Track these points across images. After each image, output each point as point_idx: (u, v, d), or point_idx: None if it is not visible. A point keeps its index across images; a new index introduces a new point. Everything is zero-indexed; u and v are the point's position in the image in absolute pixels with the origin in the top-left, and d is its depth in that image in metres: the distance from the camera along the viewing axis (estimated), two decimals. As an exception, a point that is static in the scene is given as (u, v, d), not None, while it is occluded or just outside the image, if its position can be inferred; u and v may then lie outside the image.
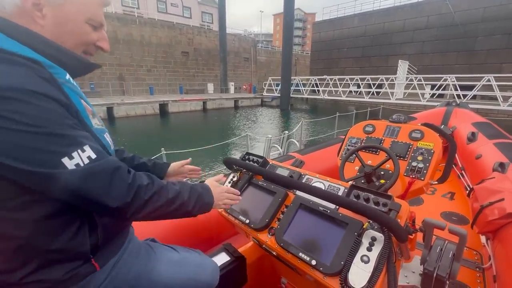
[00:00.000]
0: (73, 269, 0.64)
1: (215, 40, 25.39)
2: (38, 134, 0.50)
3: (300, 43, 68.64)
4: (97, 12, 0.66)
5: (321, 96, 18.97)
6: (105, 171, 0.58)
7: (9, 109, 0.48)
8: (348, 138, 1.95)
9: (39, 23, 0.59)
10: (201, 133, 11.80)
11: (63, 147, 0.53)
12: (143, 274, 0.81)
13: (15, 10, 0.57)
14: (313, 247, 0.89)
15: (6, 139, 0.48)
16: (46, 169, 0.51)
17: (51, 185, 0.53)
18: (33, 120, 0.49)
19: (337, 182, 1.06)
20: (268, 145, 4.55)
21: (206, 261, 0.98)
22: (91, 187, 0.56)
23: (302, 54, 43.23)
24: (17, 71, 0.51)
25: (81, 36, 0.65)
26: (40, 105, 0.51)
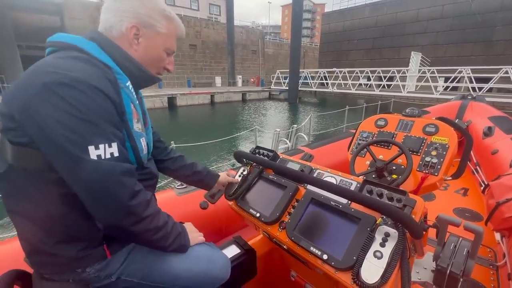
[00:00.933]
0: (85, 249, 0.70)
1: (223, 32, 25.18)
2: (81, 119, 0.58)
3: (309, 35, 67.34)
4: (173, 43, 0.84)
5: (330, 89, 18.68)
6: (121, 171, 0.63)
7: (70, 95, 0.57)
8: (359, 132, 1.92)
9: (133, 48, 0.76)
10: (209, 127, 11.86)
11: (94, 136, 0.59)
12: (156, 264, 0.83)
13: (119, 35, 0.75)
14: (324, 242, 0.89)
15: (60, 117, 0.56)
16: (71, 148, 0.57)
17: (70, 167, 0.59)
18: (82, 107, 0.58)
19: (349, 177, 1.05)
20: (276, 139, 4.53)
21: (218, 255, 0.98)
22: (105, 180, 0.60)
23: (311, 46, 42.44)
24: (90, 69, 0.63)
25: (158, 60, 0.82)
26: (93, 97, 0.60)
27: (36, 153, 0.60)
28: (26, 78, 0.59)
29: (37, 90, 0.56)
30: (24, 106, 0.57)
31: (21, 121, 0.58)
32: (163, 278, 0.84)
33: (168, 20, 0.80)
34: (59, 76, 0.58)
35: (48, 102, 0.56)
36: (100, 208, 0.63)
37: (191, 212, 1.75)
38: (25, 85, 0.58)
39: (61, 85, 0.57)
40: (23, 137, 0.60)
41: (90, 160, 0.58)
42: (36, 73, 0.59)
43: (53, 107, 0.56)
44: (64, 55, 0.65)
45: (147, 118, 0.93)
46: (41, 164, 0.62)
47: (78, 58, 0.65)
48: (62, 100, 0.57)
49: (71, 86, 0.58)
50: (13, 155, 0.62)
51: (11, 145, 0.61)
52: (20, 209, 0.67)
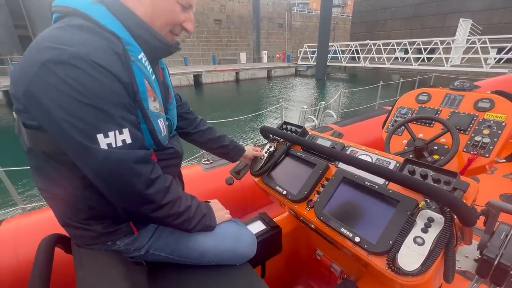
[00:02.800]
0: (111, 225, 0.71)
1: (248, 5, 24.14)
2: (85, 104, 0.52)
3: (341, 4, 62.23)
4: None
5: (361, 64, 17.42)
6: (134, 159, 0.59)
7: (71, 75, 0.51)
8: (397, 108, 1.75)
9: (139, 2, 0.64)
10: (234, 104, 11.84)
11: (102, 123, 0.54)
12: (183, 241, 0.84)
13: None
14: (357, 223, 0.83)
15: (58, 100, 0.51)
16: (79, 137, 0.53)
17: (82, 158, 0.56)
18: (86, 90, 0.52)
19: (386, 156, 0.96)
20: (303, 117, 4.38)
21: (244, 233, 0.96)
22: (116, 174, 0.57)
23: (342, 16, 39.29)
24: (94, 40, 0.55)
25: (171, 15, 0.68)
26: (98, 77, 0.53)
27: (48, 136, 0.58)
28: (27, 55, 0.55)
29: (36, 71, 0.51)
30: (26, 89, 0.53)
31: (26, 105, 0.55)
32: (190, 254, 0.85)
33: None
34: (58, 53, 0.51)
35: (48, 84, 0.51)
36: (116, 197, 0.62)
37: (217, 188, 1.77)
38: (25, 64, 0.53)
39: (60, 63, 0.51)
40: (33, 120, 0.57)
41: (100, 149, 0.54)
42: (35, 49, 0.53)
43: (54, 91, 0.51)
44: (66, 24, 0.57)
45: (171, 93, 0.86)
46: (56, 147, 0.59)
47: (82, 28, 0.57)
48: (63, 82, 0.51)
49: (71, 65, 0.51)
50: (28, 138, 0.61)
51: (25, 128, 0.59)
52: (46, 187, 0.67)
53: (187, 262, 0.87)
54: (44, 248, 0.71)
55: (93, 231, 0.70)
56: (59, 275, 0.81)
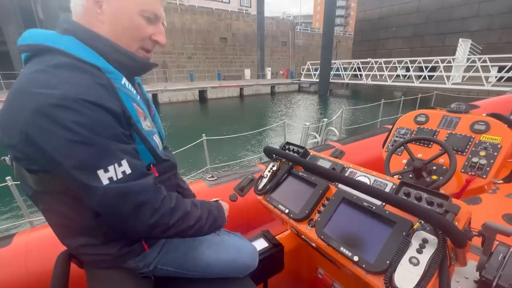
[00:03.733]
0: (126, 246, 0.73)
1: (253, 24, 25.03)
2: (83, 144, 0.52)
3: (343, 24, 64.12)
4: (152, 3, 0.65)
5: (363, 81, 17.71)
6: (134, 195, 0.59)
7: (65, 118, 0.51)
8: (396, 128, 1.81)
9: (99, 19, 0.62)
10: (238, 120, 12.02)
11: (101, 159, 0.54)
12: (189, 253, 0.87)
13: (81, 10, 0.62)
14: (355, 243, 0.86)
15: (57, 144, 0.52)
16: (83, 178, 0.54)
17: (86, 195, 0.57)
18: (81, 130, 0.52)
19: (384, 177, 1.00)
20: (305, 133, 4.45)
21: (246, 244, 1.01)
22: (119, 207, 0.58)
23: (344, 35, 40.39)
24: (77, 78, 0.55)
25: (136, 30, 0.65)
26: (90, 115, 0.53)
27: (54, 176, 0.59)
28: (14, 102, 0.53)
29: (28, 118, 0.51)
30: (23, 138, 0.53)
31: (26, 152, 0.55)
32: (196, 267, 0.88)
33: None
34: (46, 97, 0.50)
35: (44, 130, 0.51)
36: (125, 228, 0.63)
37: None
38: (14, 112, 0.53)
39: (52, 107, 0.50)
40: (35, 165, 0.57)
41: (102, 187, 0.54)
42: (23, 95, 0.52)
43: (51, 136, 0.51)
44: (43, 66, 0.55)
45: (151, 106, 0.84)
46: (63, 185, 0.60)
47: (59, 66, 0.55)
48: (58, 126, 0.51)
49: (63, 107, 0.51)
50: (35, 182, 0.61)
51: (28, 173, 0.59)
52: (57, 222, 0.69)
53: (194, 275, 0.90)
54: (61, 262, 0.76)
55: (107, 255, 0.71)
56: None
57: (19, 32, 15.20)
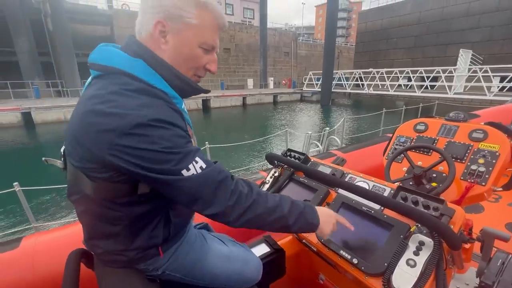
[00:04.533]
0: (144, 251, 0.77)
1: (256, 35, 25.54)
2: (166, 152, 0.60)
3: (344, 35, 65.07)
4: (211, 37, 0.71)
5: (365, 91, 17.85)
6: (213, 178, 0.66)
7: (150, 134, 0.58)
8: (396, 136, 1.84)
9: (162, 48, 0.68)
10: (241, 128, 12.12)
11: (183, 162, 0.62)
12: (197, 262, 0.89)
13: (147, 35, 0.68)
14: (355, 246, 0.89)
15: (146, 155, 0.59)
16: (168, 178, 0.61)
17: (173, 189, 0.64)
18: (164, 142, 0.60)
19: (382, 183, 1.03)
20: (307, 142, 4.49)
21: (251, 257, 1.03)
22: (202, 192, 0.64)
23: (346, 46, 41.00)
24: (153, 102, 0.62)
25: (194, 60, 0.71)
26: (170, 131, 0.61)
27: (114, 185, 0.64)
28: (93, 120, 0.59)
29: (114, 138, 0.57)
30: (107, 153, 0.58)
31: (107, 166, 0.61)
32: (202, 276, 0.90)
33: (200, 8, 0.66)
34: (132, 118, 0.57)
35: (133, 147, 0.58)
36: (209, 213, 0.67)
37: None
38: (97, 130, 0.58)
39: (137, 126, 0.57)
40: (105, 173, 0.62)
41: (186, 177, 0.62)
42: (103, 116, 0.58)
43: (139, 151, 0.58)
44: (120, 89, 0.61)
45: None
46: (118, 193, 0.66)
47: (137, 91, 0.62)
48: (146, 143, 0.58)
49: (150, 126, 0.58)
50: (92, 188, 0.65)
51: (89, 180, 0.64)
52: (89, 225, 0.75)
53: (199, 284, 0.92)
54: (73, 260, 0.79)
55: (126, 256, 0.75)
56: None
57: (29, 43, 15.75)
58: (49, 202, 4.67)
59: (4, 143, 9.66)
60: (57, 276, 0.77)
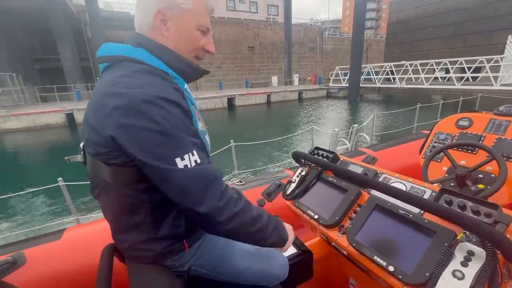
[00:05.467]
0: (170, 245, 0.77)
1: (280, 32, 25.28)
2: (164, 134, 0.60)
3: (373, 27, 61.91)
4: (205, 19, 0.76)
5: (397, 85, 16.81)
6: (206, 175, 0.65)
7: (149, 111, 0.59)
8: (435, 133, 1.70)
9: (164, 35, 0.72)
10: (265, 126, 12.09)
11: (178, 149, 0.62)
12: (223, 258, 0.90)
13: (149, 27, 0.72)
14: (391, 252, 0.82)
15: (146, 136, 0.60)
16: (161, 164, 0.61)
17: (163, 179, 0.63)
18: (166, 123, 0.60)
19: (421, 184, 0.94)
20: (334, 139, 4.33)
21: (277, 255, 1.01)
22: (192, 188, 0.63)
23: (375, 38, 38.93)
24: (156, 81, 0.65)
25: (194, 42, 0.76)
26: (171, 111, 0.62)
27: (130, 170, 0.66)
28: (102, 102, 0.62)
29: (120, 115, 0.59)
30: (113, 133, 0.60)
31: (113, 147, 0.62)
32: (228, 272, 0.91)
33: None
34: (134, 96, 0.59)
35: (134, 125, 0.59)
36: (196, 211, 0.65)
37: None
38: (105, 111, 0.61)
39: (141, 103, 0.59)
40: (118, 158, 0.64)
41: (179, 169, 0.62)
42: (111, 96, 0.61)
43: (140, 129, 0.59)
44: (127, 72, 0.65)
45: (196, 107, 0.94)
46: (135, 178, 0.67)
47: (141, 71, 0.65)
48: (147, 120, 0.59)
49: (150, 103, 0.59)
50: (109, 174, 0.67)
51: (107, 166, 0.66)
52: (114, 219, 0.76)
53: (225, 280, 0.92)
54: (106, 255, 0.83)
55: (152, 251, 0.76)
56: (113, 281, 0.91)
57: (71, 50, 17.20)
58: (88, 195, 5.05)
59: (53, 141, 10.65)
60: (94, 267, 0.81)
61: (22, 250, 1.22)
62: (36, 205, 5.14)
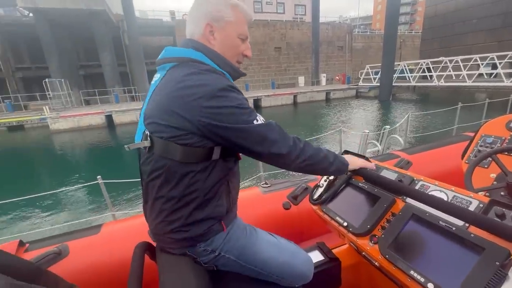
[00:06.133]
0: (210, 226, 0.84)
1: (308, 32, 24.89)
2: (241, 108, 0.78)
3: (408, 22, 58.34)
4: (244, 29, 0.90)
5: (434, 83, 15.64)
6: (274, 125, 0.84)
7: (229, 95, 0.77)
8: (481, 136, 1.54)
9: (212, 43, 0.87)
10: (291, 127, 11.96)
11: (252, 115, 0.80)
12: (248, 246, 0.92)
13: (199, 36, 0.87)
14: (429, 268, 0.75)
15: (227, 111, 0.76)
16: (245, 125, 0.78)
17: (249, 134, 0.79)
18: (237, 102, 0.78)
19: (466, 193, 0.86)
20: (364, 141, 4.13)
21: (300, 251, 1.01)
22: (269, 132, 0.81)
23: (410, 34, 36.60)
24: (220, 78, 0.80)
25: (236, 48, 0.91)
26: (240, 94, 0.81)
27: (198, 149, 0.78)
28: (183, 92, 0.75)
29: (204, 102, 0.74)
30: (201, 114, 0.74)
31: (204, 126, 0.75)
32: (254, 260, 0.92)
33: (233, 8, 0.87)
34: (213, 86, 0.75)
35: (218, 106, 0.75)
36: (277, 153, 0.82)
37: (274, 211, 1.81)
38: (188, 100, 0.74)
39: (219, 91, 0.75)
40: (190, 139, 0.77)
41: (257, 124, 0.80)
42: (190, 88, 0.75)
43: (224, 109, 0.75)
44: (197, 70, 0.79)
45: None
46: (201, 156, 0.79)
47: (208, 70, 0.80)
48: (227, 101, 0.76)
49: (224, 90, 0.76)
50: (181, 154, 0.78)
51: (179, 146, 0.77)
52: (164, 200, 0.81)
53: (252, 270, 0.93)
54: (138, 253, 0.87)
55: (191, 233, 0.82)
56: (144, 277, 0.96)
57: (111, 56, 18.64)
58: (124, 193, 5.41)
59: (94, 141, 11.59)
60: (128, 261, 0.85)
61: (66, 242, 1.33)
62: (78, 200, 5.62)
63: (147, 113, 0.82)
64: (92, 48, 19.50)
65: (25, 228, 4.48)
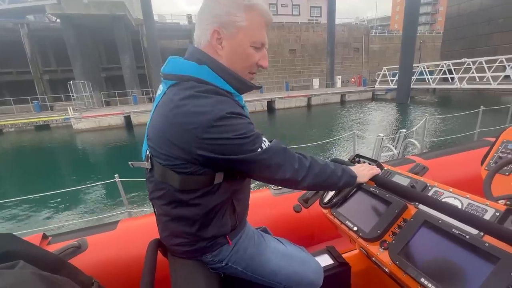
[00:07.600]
0: (213, 240, 0.83)
1: (323, 33, 24.67)
2: (243, 137, 0.71)
3: (428, 22, 56.37)
4: (260, 34, 0.77)
5: (456, 85, 14.99)
6: (279, 147, 0.78)
7: (229, 124, 0.69)
8: (502, 142, 1.48)
9: (219, 53, 0.76)
10: (304, 129, 11.86)
11: (256, 143, 0.73)
12: (256, 256, 0.92)
13: (206, 44, 0.76)
14: (440, 275, 0.74)
15: (228, 143, 0.69)
16: (249, 155, 0.72)
17: (254, 163, 0.74)
18: (239, 131, 0.70)
19: (482, 201, 0.83)
20: (379, 145, 4.03)
21: (310, 259, 1.00)
22: (274, 158, 0.76)
23: (430, 34, 35.34)
24: (221, 102, 0.71)
25: (247, 59, 0.78)
26: (242, 120, 0.72)
27: (197, 178, 0.74)
28: (180, 120, 0.68)
29: (201, 131, 0.67)
30: (197, 146, 0.68)
31: (197, 158, 0.70)
32: (262, 271, 0.92)
33: (247, 10, 0.72)
34: (214, 113, 0.67)
35: (217, 137, 0.68)
36: (283, 177, 0.78)
37: (285, 213, 1.82)
38: (186, 128, 0.68)
39: (219, 120, 0.68)
40: (189, 168, 0.72)
41: (260, 152, 0.73)
42: (189, 115, 0.68)
43: (223, 139, 0.69)
44: (197, 91, 0.70)
45: None
46: (198, 184, 0.75)
47: (209, 91, 0.71)
48: (228, 130, 0.69)
49: (227, 117, 0.69)
50: (178, 182, 0.74)
51: (177, 175, 0.73)
52: (168, 219, 0.82)
53: (259, 280, 0.93)
54: (152, 249, 0.91)
55: (198, 245, 0.83)
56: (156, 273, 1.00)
57: (130, 59, 19.37)
58: (138, 191, 5.58)
59: (113, 141, 12.03)
60: (143, 258, 0.89)
61: (84, 236, 1.40)
62: (96, 197, 5.86)
63: (149, 132, 0.78)
64: (113, 52, 20.38)
65: (47, 223, 4.72)
